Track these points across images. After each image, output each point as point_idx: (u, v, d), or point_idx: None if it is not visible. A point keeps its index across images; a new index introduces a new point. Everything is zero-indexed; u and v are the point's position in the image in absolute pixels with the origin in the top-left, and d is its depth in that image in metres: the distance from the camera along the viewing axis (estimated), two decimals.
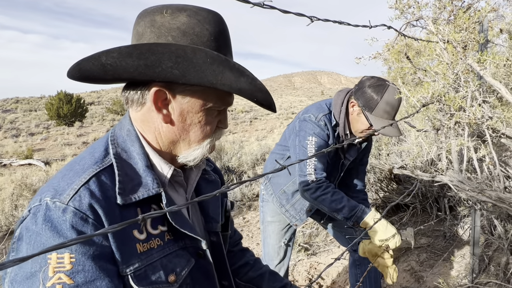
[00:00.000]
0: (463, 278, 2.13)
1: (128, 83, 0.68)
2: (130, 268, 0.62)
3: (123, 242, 0.61)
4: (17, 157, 15.98)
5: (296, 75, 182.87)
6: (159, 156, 0.71)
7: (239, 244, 1.05)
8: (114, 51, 0.60)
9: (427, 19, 1.33)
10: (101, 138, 0.72)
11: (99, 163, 0.65)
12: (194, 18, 0.64)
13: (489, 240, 2.34)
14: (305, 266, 3.10)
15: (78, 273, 0.55)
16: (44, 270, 0.54)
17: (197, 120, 0.68)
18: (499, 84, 1.01)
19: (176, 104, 0.67)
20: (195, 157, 0.72)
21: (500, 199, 0.90)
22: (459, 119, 1.04)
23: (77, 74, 0.61)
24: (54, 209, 0.57)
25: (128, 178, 0.65)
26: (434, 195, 3.04)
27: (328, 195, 1.54)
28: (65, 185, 0.61)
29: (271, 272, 1.04)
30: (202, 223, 0.82)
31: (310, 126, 1.62)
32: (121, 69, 0.60)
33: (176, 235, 0.70)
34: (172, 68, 0.59)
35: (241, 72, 0.63)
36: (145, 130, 0.71)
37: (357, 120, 1.61)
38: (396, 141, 4.50)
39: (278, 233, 1.93)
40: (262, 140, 16.46)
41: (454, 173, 0.98)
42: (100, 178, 0.63)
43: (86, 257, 0.56)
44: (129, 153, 0.69)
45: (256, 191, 5.51)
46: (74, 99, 27.34)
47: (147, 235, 0.65)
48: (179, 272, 0.68)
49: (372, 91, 1.51)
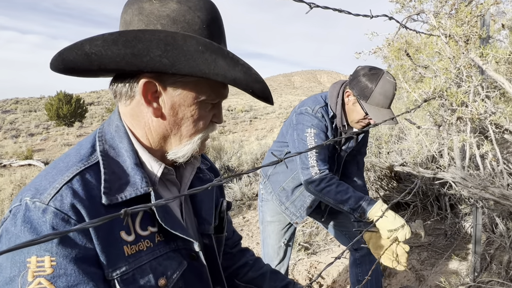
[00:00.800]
0: (465, 276, 2.10)
1: (116, 76, 0.64)
2: (117, 272, 0.58)
3: (109, 244, 0.58)
4: (17, 157, 15.95)
5: (296, 74, 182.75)
6: (149, 154, 0.67)
7: (238, 245, 1.02)
8: (98, 38, 0.55)
9: (428, 13, 1.30)
10: (89, 135, 0.69)
11: (84, 160, 0.62)
12: (184, 5, 0.60)
13: (491, 238, 2.32)
14: (305, 266, 3.08)
15: (60, 277, 0.52)
16: (23, 274, 0.51)
17: (190, 114, 0.64)
18: (502, 79, 0.98)
19: (167, 97, 0.63)
20: (185, 153, 0.68)
21: (504, 196, 0.87)
22: (461, 115, 1.01)
23: (61, 65, 0.57)
24: (33, 209, 0.54)
25: (115, 176, 0.62)
26: (434, 193, 3.02)
27: (333, 186, 1.51)
28: (47, 184, 0.57)
29: (272, 271, 1.00)
30: (196, 225, 0.79)
31: (308, 118, 1.60)
32: (107, 58, 0.55)
33: (168, 237, 0.66)
34: (161, 57, 0.55)
35: (235, 61, 0.59)
36: (135, 126, 0.67)
37: (352, 110, 1.59)
38: (396, 139, 4.48)
39: (278, 233, 1.91)
40: (262, 140, 16.43)
41: (456, 170, 0.96)
42: (85, 177, 0.59)
43: (68, 260, 0.53)
44: (117, 150, 0.65)
45: (256, 191, 5.48)
46: (74, 99, 27.30)
47: (136, 237, 0.62)
48: (170, 275, 0.65)
49: (367, 80, 1.49)
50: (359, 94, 1.52)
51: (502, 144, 1.04)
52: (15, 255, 0.52)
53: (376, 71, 1.50)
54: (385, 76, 1.47)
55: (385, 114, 1.46)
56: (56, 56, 0.57)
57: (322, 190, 1.53)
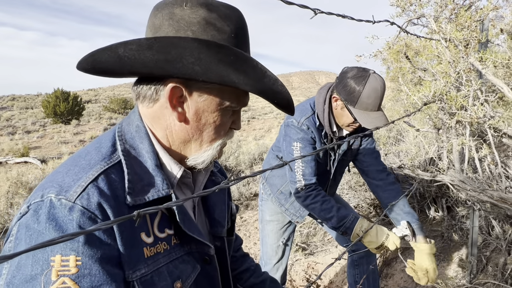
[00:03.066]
0: (461, 278, 2.12)
1: (141, 78, 0.64)
2: (137, 274, 0.58)
3: (132, 245, 0.58)
4: (13, 155, 15.86)
5: (294, 75, 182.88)
6: (169, 156, 0.67)
7: (240, 249, 1.03)
8: (133, 43, 0.57)
9: (428, 17, 1.32)
10: (107, 133, 0.68)
11: (107, 159, 0.61)
12: (214, 13, 0.60)
13: (487, 240, 2.34)
14: (302, 266, 3.09)
15: (85, 277, 0.51)
16: (46, 273, 0.50)
17: (212, 120, 0.65)
18: (501, 83, 1.00)
19: (192, 102, 0.63)
20: (204, 159, 0.68)
21: (502, 199, 0.89)
22: (460, 118, 1.02)
23: (90, 66, 0.57)
24: (59, 207, 0.53)
25: (138, 177, 0.61)
26: (432, 195, 3.04)
27: (317, 204, 1.53)
28: (71, 181, 0.57)
29: (271, 279, 1.03)
30: (207, 227, 0.79)
31: (294, 132, 1.59)
32: (139, 62, 0.56)
33: (183, 239, 0.67)
34: (193, 64, 0.56)
35: (263, 72, 0.60)
36: (156, 127, 0.67)
37: (341, 115, 1.54)
38: (395, 141, 4.50)
39: (276, 232, 1.92)
40: (259, 140, 16.44)
41: (455, 172, 0.97)
42: (110, 176, 0.59)
43: (93, 260, 0.52)
44: (138, 150, 0.65)
45: (253, 191, 5.49)
46: (71, 97, 27.16)
47: (154, 239, 0.62)
48: (185, 279, 0.65)
49: (354, 82, 1.41)
50: (346, 99, 1.45)
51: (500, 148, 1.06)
52: (37, 252, 0.51)
53: (363, 73, 1.41)
54: (372, 77, 1.39)
55: (375, 117, 1.41)
56: (87, 57, 0.57)
57: (308, 206, 1.57)
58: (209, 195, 0.80)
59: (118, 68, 0.57)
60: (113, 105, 33.33)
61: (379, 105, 1.43)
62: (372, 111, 1.42)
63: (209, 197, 0.80)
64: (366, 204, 3.54)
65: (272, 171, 1.86)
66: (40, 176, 7.18)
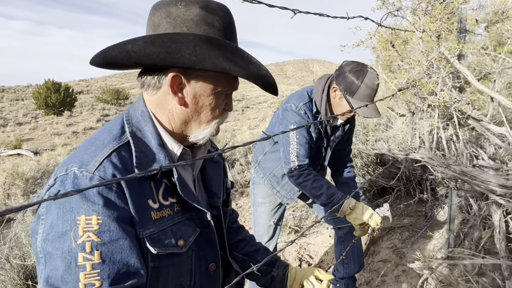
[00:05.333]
0: (438, 251, 2.29)
1: (144, 69, 0.75)
2: (146, 232, 0.70)
3: (141, 208, 0.70)
4: (5, 147, 15.74)
5: (288, 63, 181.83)
6: (170, 136, 0.78)
7: (236, 222, 1.16)
8: (139, 39, 0.68)
9: (405, 9, 1.42)
10: (116, 118, 0.80)
11: (118, 139, 0.72)
12: (205, 10, 0.71)
13: (466, 218, 2.51)
14: (295, 247, 3.25)
15: (105, 232, 0.63)
16: (74, 229, 0.62)
17: (208, 102, 0.76)
18: (466, 70, 1.12)
19: (190, 88, 0.74)
20: (204, 136, 0.79)
21: (463, 173, 1.01)
22: (430, 102, 1.14)
23: (101, 60, 0.68)
24: (81, 177, 0.65)
25: (143, 154, 0.73)
26: (417, 178, 3.20)
27: (309, 182, 1.66)
28: (89, 157, 0.68)
29: (264, 248, 1.15)
30: (205, 199, 0.91)
31: (291, 115, 1.72)
32: (145, 55, 0.67)
33: (184, 207, 0.78)
34: (190, 55, 0.67)
35: (249, 59, 0.71)
36: (159, 112, 0.77)
37: (339, 104, 1.70)
38: (385, 127, 4.64)
39: (268, 213, 2.05)
40: (254, 129, 16.54)
41: (425, 151, 1.09)
42: (120, 153, 0.70)
43: (111, 220, 0.64)
44: (143, 132, 0.76)
45: (248, 178, 5.63)
46: (63, 88, 26.82)
47: (160, 205, 0.73)
48: (187, 238, 0.77)
49: (353, 76, 1.60)
50: (345, 90, 1.62)
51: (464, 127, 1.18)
52: (66, 214, 0.63)
53: (362, 68, 1.60)
54: (370, 72, 1.58)
55: (370, 108, 1.59)
56: (99, 53, 0.68)
57: (300, 184, 1.69)
58: (207, 172, 0.92)
59: (126, 61, 0.68)
60: (106, 95, 33.00)
61: (373, 98, 1.61)
62: (367, 101, 1.60)
63: (207, 173, 0.92)
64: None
65: (265, 155, 1.98)
66: (36, 168, 7.22)
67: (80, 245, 0.61)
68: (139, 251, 0.68)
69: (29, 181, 6.76)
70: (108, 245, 0.63)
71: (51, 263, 0.62)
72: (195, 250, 0.80)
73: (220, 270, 0.91)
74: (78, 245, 0.61)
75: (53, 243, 0.62)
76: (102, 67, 0.71)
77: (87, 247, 0.62)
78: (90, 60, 0.70)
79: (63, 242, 0.61)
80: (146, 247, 0.70)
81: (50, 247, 0.62)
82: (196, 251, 0.81)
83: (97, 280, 0.61)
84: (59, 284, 0.61)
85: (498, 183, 0.93)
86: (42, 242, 0.63)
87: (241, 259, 1.09)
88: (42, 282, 0.62)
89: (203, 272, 0.83)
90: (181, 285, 0.78)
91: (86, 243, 0.62)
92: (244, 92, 42.57)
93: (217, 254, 0.88)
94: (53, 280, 0.61)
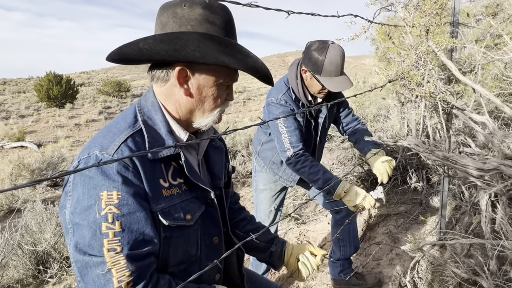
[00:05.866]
0: (429, 234, 2.41)
1: (153, 64, 0.85)
2: (159, 207, 0.81)
3: (153, 186, 0.80)
4: (8, 139, 15.89)
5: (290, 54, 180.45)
6: (177, 124, 0.88)
7: (238, 203, 1.27)
8: (150, 38, 0.78)
9: (397, 4, 1.50)
10: (130, 108, 0.90)
11: (132, 127, 0.83)
12: (207, 10, 0.80)
13: (459, 205, 2.61)
14: (295, 234, 3.37)
15: (124, 206, 0.74)
16: (98, 203, 0.72)
17: (211, 93, 0.86)
18: (450, 63, 1.20)
19: (195, 80, 0.84)
20: (207, 123, 0.89)
21: (445, 158, 1.11)
22: (418, 93, 1.23)
23: (117, 56, 0.78)
24: (103, 159, 0.75)
25: (154, 140, 0.83)
26: (413, 167, 3.30)
27: (306, 168, 1.76)
28: (108, 142, 0.79)
29: (263, 226, 1.26)
30: (209, 180, 1.02)
31: (274, 108, 1.82)
32: (155, 52, 0.77)
33: (190, 187, 0.89)
34: (194, 51, 0.76)
35: (247, 54, 0.81)
36: (167, 102, 0.88)
37: (311, 84, 1.77)
38: (384, 118, 4.73)
39: (269, 200, 2.16)
40: (255, 121, 16.60)
41: (412, 138, 1.18)
42: (135, 138, 0.81)
43: (129, 195, 0.75)
44: (153, 120, 0.86)
45: (249, 169, 5.75)
46: (64, 80, 26.85)
47: (169, 184, 0.84)
48: (194, 213, 0.88)
49: (316, 54, 1.65)
50: (312, 69, 1.69)
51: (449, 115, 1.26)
52: (90, 190, 0.73)
53: (323, 45, 1.65)
54: (331, 47, 1.62)
55: (339, 81, 1.65)
56: (116, 51, 0.78)
57: (298, 171, 1.80)
58: (210, 156, 1.02)
59: (139, 57, 0.78)
60: (107, 88, 33.02)
61: (341, 71, 1.67)
62: (336, 76, 1.66)
63: (210, 157, 1.02)
64: (353, 176, 3.80)
65: (262, 145, 2.09)
66: (40, 159, 7.35)
67: (103, 216, 0.72)
68: (153, 223, 0.79)
69: (34, 172, 6.90)
70: (127, 217, 0.74)
71: (79, 232, 0.73)
72: (201, 225, 0.91)
73: (223, 244, 1.02)
74: (102, 216, 0.72)
75: (80, 215, 0.73)
76: (117, 63, 0.81)
77: (109, 218, 0.72)
78: (106, 57, 0.80)
79: (88, 214, 0.72)
80: (159, 219, 0.81)
81: (78, 218, 0.73)
82: (202, 225, 0.92)
83: (118, 245, 0.72)
84: (87, 249, 0.72)
85: (475, 166, 1.02)
86: (70, 214, 0.74)
87: (242, 236, 1.19)
88: (72, 248, 0.73)
89: (207, 244, 0.94)
90: (189, 253, 0.89)
91: (108, 214, 0.72)
92: (245, 84, 42.52)
93: (220, 230, 0.99)
94: (81, 246, 0.72)
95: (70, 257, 0.76)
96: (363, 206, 1.70)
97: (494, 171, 1.00)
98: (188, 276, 0.88)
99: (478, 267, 1.70)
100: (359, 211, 1.71)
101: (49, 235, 2.88)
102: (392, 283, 2.17)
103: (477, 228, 2.18)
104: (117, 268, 0.71)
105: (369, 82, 8.00)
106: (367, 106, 5.15)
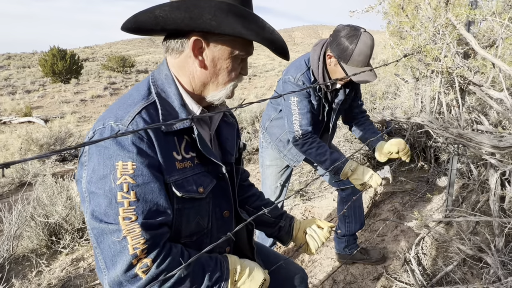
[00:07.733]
0: (435, 211, 2.42)
1: (168, 35, 0.82)
2: (172, 179, 0.81)
3: (167, 158, 0.80)
4: (16, 114, 16.04)
5: (297, 29, 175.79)
6: (190, 97, 0.87)
7: (247, 180, 1.27)
8: (166, 5, 0.75)
9: None
10: (143, 81, 0.89)
11: (145, 99, 0.82)
12: None
13: (466, 183, 2.61)
14: (300, 210, 3.42)
15: (138, 176, 0.74)
16: (113, 173, 0.73)
17: (225, 65, 0.84)
18: (470, 37, 1.15)
19: (209, 52, 0.82)
20: (220, 96, 0.88)
21: (460, 135, 1.08)
22: (434, 68, 1.19)
23: (133, 25, 0.76)
24: (117, 130, 0.75)
25: (168, 112, 0.82)
26: (421, 145, 3.27)
27: (313, 149, 1.76)
28: (123, 113, 0.78)
29: (272, 202, 1.27)
30: (220, 155, 1.01)
31: (291, 87, 1.77)
32: (170, 20, 0.75)
33: (202, 161, 0.89)
34: (210, 20, 0.74)
35: (263, 25, 0.78)
36: (181, 74, 0.86)
37: (335, 71, 1.71)
38: (393, 95, 4.64)
39: (275, 175, 2.17)
40: (261, 97, 16.44)
41: (425, 114, 1.16)
42: (149, 110, 0.80)
43: (143, 166, 0.75)
44: (167, 93, 0.85)
45: (255, 146, 5.76)
46: (68, 55, 26.60)
47: (182, 157, 0.84)
48: (205, 186, 0.88)
49: (346, 41, 1.57)
50: (339, 57, 1.62)
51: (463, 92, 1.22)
52: (106, 160, 0.73)
53: (355, 32, 1.56)
54: (363, 36, 1.55)
55: (365, 73, 1.59)
56: (131, 18, 0.76)
57: (305, 152, 1.79)
58: (222, 132, 1.01)
59: (154, 25, 0.76)
60: (112, 63, 32.72)
61: (368, 62, 1.61)
62: (362, 67, 1.60)
63: (222, 133, 1.01)
64: (361, 154, 3.79)
65: (271, 122, 2.07)
66: (48, 134, 7.43)
67: (118, 185, 0.73)
68: (166, 194, 0.80)
69: (43, 147, 7.00)
70: (141, 187, 0.74)
71: (95, 200, 0.74)
72: (212, 198, 0.92)
73: (233, 218, 1.03)
74: (117, 186, 0.72)
75: (96, 184, 0.73)
76: (131, 33, 0.78)
77: (125, 187, 0.73)
78: (121, 26, 0.77)
79: (104, 183, 0.73)
80: (172, 191, 0.81)
81: (94, 187, 0.74)
82: (213, 198, 0.92)
83: (133, 214, 0.73)
84: (103, 217, 0.73)
85: (491, 144, 1.00)
86: (86, 183, 0.75)
87: (251, 211, 1.21)
88: (88, 216, 0.75)
89: (218, 217, 0.95)
90: (200, 225, 0.90)
91: (123, 184, 0.73)
92: (251, 60, 41.80)
93: (230, 204, 1.00)
94: (97, 214, 0.73)
95: (86, 224, 0.77)
96: (370, 185, 1.70)
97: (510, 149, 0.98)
98: (199, 247, 0.90)
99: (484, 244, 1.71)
100: (366, 189, 1.71)
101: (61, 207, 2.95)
102: (396, 258, 2.21)
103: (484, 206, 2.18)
104: (132, 236, 0.72)
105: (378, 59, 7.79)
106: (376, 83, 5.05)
